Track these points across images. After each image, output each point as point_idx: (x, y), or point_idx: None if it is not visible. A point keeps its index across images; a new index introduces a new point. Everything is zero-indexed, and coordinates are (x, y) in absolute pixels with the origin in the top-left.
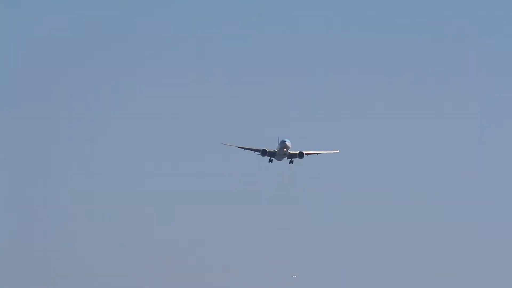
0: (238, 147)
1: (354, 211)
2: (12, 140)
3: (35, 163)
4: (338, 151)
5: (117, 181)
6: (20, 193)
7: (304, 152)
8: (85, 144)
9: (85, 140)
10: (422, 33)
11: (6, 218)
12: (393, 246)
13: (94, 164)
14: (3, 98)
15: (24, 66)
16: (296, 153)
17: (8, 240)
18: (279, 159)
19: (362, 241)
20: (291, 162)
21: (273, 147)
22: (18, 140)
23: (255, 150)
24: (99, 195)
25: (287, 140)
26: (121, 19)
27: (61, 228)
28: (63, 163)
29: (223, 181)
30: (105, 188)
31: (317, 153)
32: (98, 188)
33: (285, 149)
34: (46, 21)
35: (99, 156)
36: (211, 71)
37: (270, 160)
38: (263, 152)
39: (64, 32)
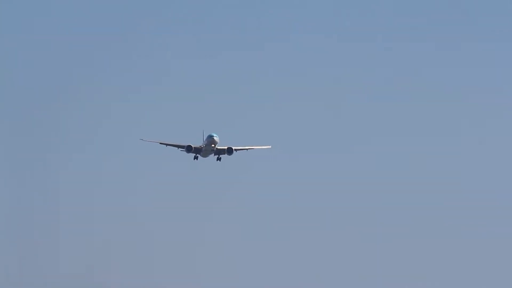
0: (160, 143)
1: (288, 210)
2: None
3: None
4: (269, 147)
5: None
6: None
7: (233, 148)
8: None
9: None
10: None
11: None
12: (327, 246)
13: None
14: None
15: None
16: (225, 149)
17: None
18: (206, 155)
19: (295, 243)
20: (218, 159)
21: (198, 143)
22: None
23: (178, 146)
24: None
25: (214, 135)
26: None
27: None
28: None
29: (143, 181)
30: None
31: (247, 149)
32: None
33: (212, 145)
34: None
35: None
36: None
37: (196, 157)
38: (188, 148)
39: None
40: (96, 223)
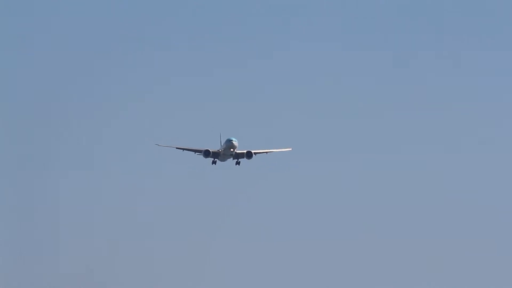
0: (176, 148)
1: (309, 214)
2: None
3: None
4: (290, 149)
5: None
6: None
7: (253, 152)
8: None
9: None
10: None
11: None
12: (348, 251)
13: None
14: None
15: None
16: (244, 153)
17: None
18: (224, 160)
19: (316, 248)
20: (237, 163)
21: (215, 147)
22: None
23: (196, 151)
24: None
25: (233, 139)
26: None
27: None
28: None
29: (160, 187)
30: None
31: (266, 152)
32: None
33: (231, 149)
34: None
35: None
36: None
37: (214, 162)
38: (206, 153)
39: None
40: (113, 229)
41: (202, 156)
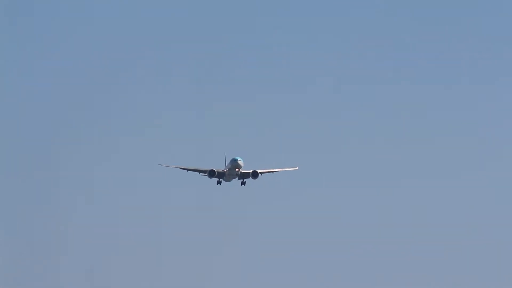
0: (180, 168)
1: (317, 235)
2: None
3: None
4: (296, 168)
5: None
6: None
7: (258, 171)
8: None
9: None
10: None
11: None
12: (356, 273)
13: None
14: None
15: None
16: (249, 173)
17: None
18: (229, 180)
19: (323, 270)
20: (243, 183)
21: (220, 166)
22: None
23: (200, 171)
24: None
25: (239, 159)
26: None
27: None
28: None
29: (163, 208)
30: None
31: (272, 172)
32: None
33: (237, 169)
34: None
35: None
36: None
37: (219, 182)
38: (211, 173)
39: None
40: (114, 249)
41: (206, 176)
